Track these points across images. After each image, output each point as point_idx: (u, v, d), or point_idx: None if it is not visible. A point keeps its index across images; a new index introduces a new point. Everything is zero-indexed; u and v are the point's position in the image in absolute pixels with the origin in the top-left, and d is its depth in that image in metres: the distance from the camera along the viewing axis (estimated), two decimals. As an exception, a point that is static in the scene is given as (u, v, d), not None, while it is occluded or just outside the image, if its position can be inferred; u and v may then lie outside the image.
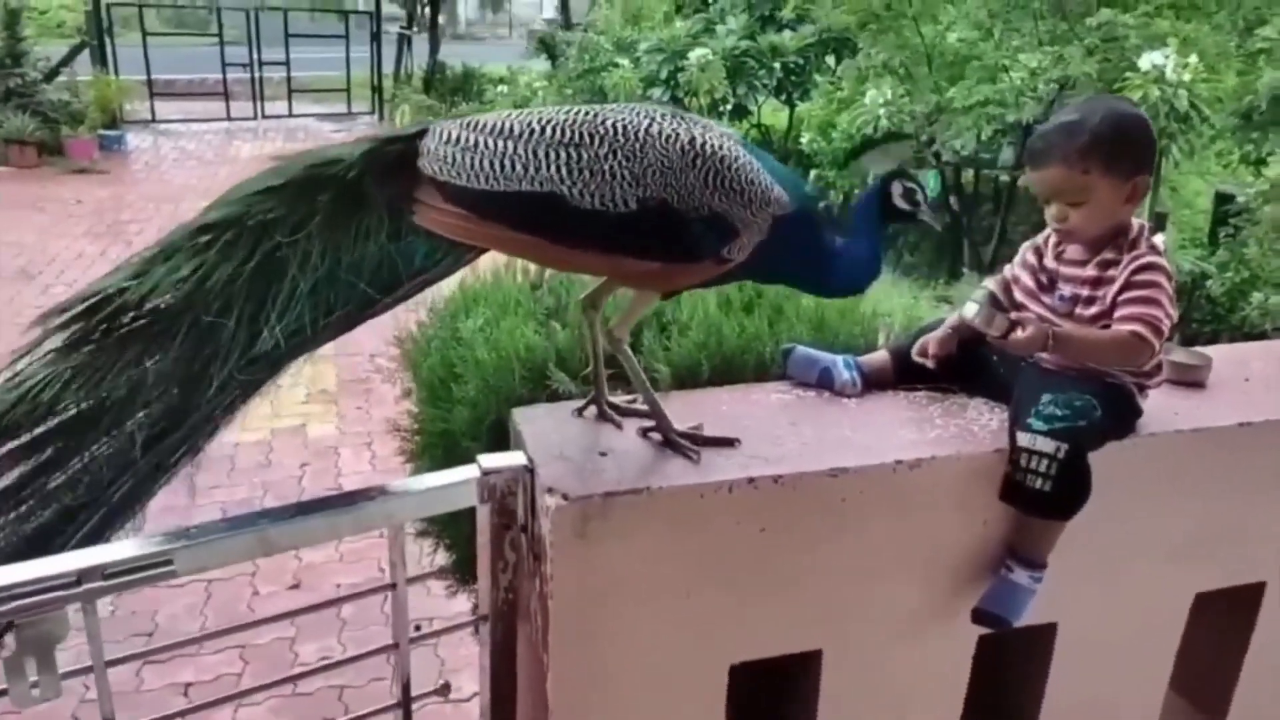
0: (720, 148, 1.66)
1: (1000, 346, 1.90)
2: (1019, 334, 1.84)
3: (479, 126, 1.68)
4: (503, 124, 1.67)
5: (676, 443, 1.81)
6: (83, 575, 1.42)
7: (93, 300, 1.61)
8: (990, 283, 2.11)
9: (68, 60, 13.07)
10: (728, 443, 1.83)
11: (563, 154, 1.61)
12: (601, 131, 1.63)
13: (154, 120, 13.85)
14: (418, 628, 3.73)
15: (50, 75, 12.50)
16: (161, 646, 2.13)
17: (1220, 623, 2.30)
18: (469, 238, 1.71)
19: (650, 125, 1.65)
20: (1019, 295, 2.06)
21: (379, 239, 1.68)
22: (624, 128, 1.63)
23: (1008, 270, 2.12)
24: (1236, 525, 2.17)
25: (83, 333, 1.61)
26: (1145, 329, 1.85)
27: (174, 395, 1.59)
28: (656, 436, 1.83)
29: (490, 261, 2.70)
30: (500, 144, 1.64)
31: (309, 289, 1.63)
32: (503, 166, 1.62)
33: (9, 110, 11.36)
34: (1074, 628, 2.10)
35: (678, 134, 1.65)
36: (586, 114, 1.66)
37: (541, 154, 1.62)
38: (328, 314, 1.66)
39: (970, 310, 1.89)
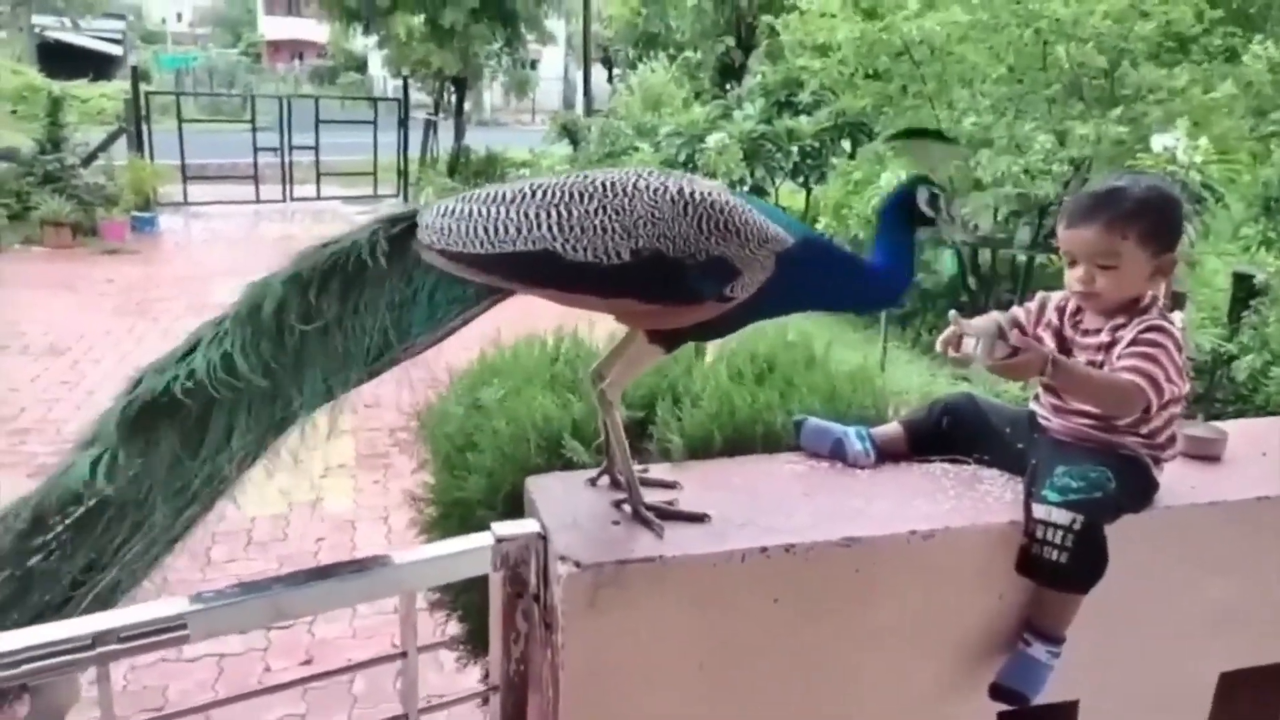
0: (709, 193, 1.72)
1: (999, 370, 1.87)
2: (1018, 357, 1.83)
3: (473, 198, 1.76)
4: (495, 193, 1.75)
5: (643, 516, 1.82)
6: (97, 638, 1.43)
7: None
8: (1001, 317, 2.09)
9: (105, 145, 13.50)
10: (698, 518, 1.84)
11: (554, 213, 1.68)
12: (590, 190, 1.70)
13: (186, 202, 14.21)
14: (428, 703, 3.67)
15: (88, 160, 12.90)
16: (174, 712, 2.11)
17: (1249, 705, 2.23)
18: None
19: (638, 180, 1.72)
20: None
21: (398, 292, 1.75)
22: (611, 184, 1.70)
23: (1020, 315, 2.12)
24: (1259, 602, 2.13)
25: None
26: (1143, 380, 1.86)
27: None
28: (627, 509, 1.85)
29: (510, 333, 2.73)
30: (493, 210, 1.71)
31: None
32: (497, 230, 1.69)
33: (46, 193, 11.72)
34: (1096, 705, 2.06)
35: (665, 186, 1.71)
36: (576, 176, 1.74)
37: (533, 214, 1.69)
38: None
39: (969, 345, 1.87)
